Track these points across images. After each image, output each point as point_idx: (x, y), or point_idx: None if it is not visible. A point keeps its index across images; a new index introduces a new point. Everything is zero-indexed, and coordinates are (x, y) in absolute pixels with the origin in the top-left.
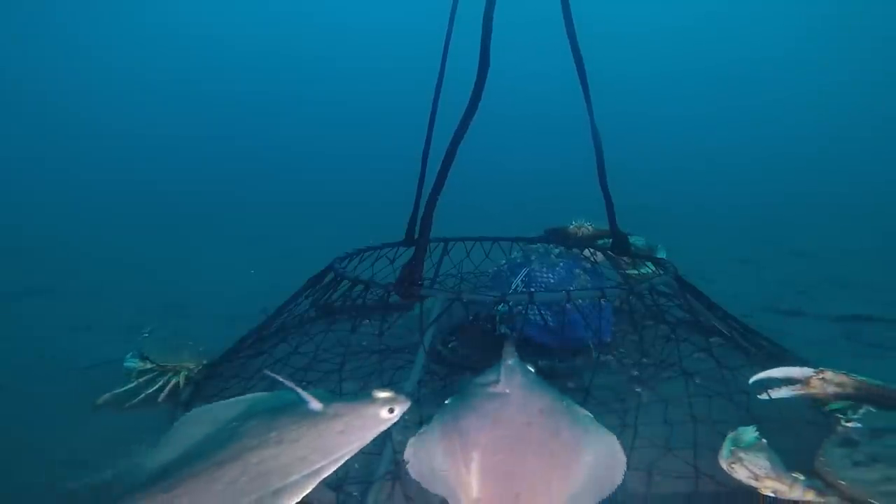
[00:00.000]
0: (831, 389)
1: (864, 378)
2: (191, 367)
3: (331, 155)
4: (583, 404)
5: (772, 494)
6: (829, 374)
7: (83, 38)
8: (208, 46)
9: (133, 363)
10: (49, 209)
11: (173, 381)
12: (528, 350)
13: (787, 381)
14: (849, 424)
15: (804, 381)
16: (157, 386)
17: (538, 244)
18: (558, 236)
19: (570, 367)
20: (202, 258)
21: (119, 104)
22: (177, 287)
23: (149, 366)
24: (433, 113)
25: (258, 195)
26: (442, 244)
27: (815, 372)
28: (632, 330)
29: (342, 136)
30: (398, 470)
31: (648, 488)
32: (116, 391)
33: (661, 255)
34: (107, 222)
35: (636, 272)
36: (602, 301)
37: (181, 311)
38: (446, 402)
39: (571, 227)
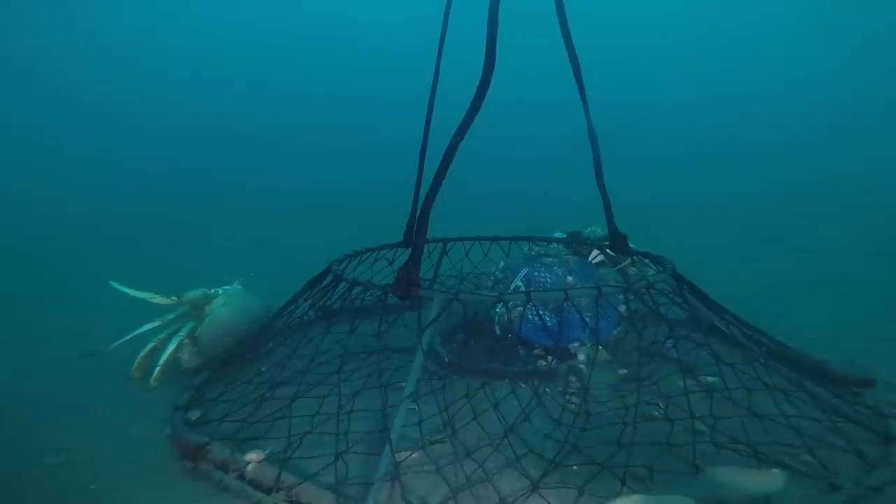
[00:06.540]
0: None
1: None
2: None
3: (329, 155)
4: (583, 404)
5: None
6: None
7: (79, 35)
8: (207, 44)
9: (154, 298)
10: (47, 211)
11: (180, 339)
12: (528, 350)
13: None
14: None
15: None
16: (166, 348)
17: (539, 245)
18: (573, 240)
19: (570, 367)
20: (201, 259)
21: (117, 104)
22: (176, 288)
23: (171, 300)
24: (429, 113)
25: (257, 196)
26: (441, 244)
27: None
28: (630, 328)
29: (340, 136)
30: (398, 470)
31: (649, 487)
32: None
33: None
34: (105, 224)
35: (635, 270)
36: (603, 300)
37: None
38: None
39: (586, 231)
